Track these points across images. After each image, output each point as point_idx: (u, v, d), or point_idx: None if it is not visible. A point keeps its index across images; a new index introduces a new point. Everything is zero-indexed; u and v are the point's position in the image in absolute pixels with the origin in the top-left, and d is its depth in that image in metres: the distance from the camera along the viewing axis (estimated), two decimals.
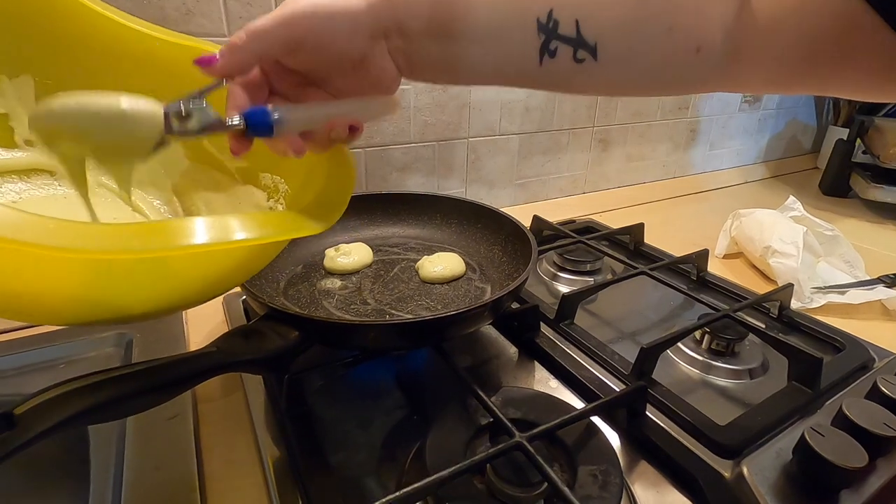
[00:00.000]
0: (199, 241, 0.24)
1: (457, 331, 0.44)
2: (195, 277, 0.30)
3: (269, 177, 0.44)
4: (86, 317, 0.29)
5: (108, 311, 0.29)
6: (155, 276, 0.27)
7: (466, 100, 0.78)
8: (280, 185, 0.43)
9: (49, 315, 0.29)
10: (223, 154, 0.46)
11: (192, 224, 0.24)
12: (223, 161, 0.46)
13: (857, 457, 0.34)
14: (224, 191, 0.46)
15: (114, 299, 0.28)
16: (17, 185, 0.41)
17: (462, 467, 0.31)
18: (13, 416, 0.22)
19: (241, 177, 0.46)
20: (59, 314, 0.29)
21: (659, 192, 1.07)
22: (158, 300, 0.30)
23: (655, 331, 0.56)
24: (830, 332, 0.54)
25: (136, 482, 0.35)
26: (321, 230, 0.30)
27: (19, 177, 0.42)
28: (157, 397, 0.29)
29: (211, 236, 0.24)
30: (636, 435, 0.40)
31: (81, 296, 0.26)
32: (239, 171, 0.46)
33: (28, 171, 0.42)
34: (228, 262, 0.32)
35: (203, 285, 0.32)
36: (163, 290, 0.29)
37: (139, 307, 0.30)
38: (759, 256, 0.70)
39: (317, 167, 0.36)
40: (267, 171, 0.44)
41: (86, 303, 0.27)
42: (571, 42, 0.28)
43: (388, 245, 0.62)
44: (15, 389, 0.45)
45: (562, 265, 0.68)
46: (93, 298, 0.27)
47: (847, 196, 1.11)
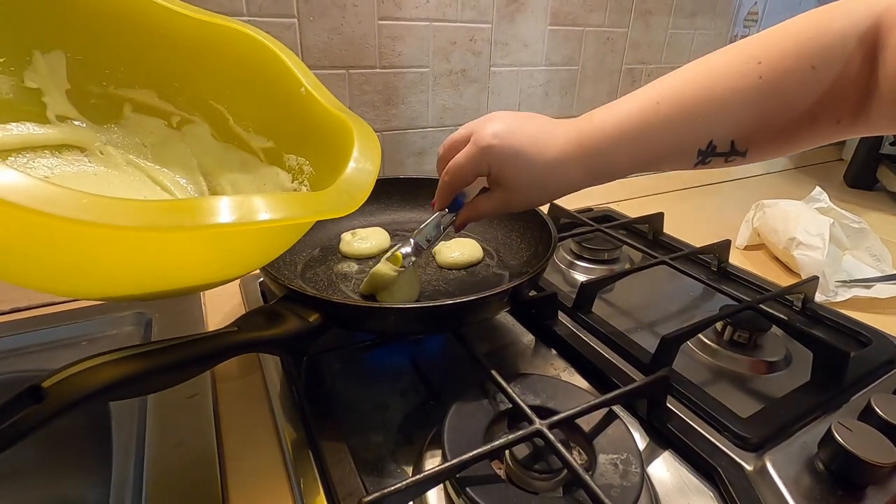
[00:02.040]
0: (224, 220, 0.24)
1: (475, 316, 0.44)
2: (217, 257, 0.30)
3: (293, 158, 0.44)
4: (110, 292, 0.29)
5: (133, 287, 0.29)
6: (180, 254, 0.27)
7: (485, 84, 0.77)
8: (305, 166, 0.43)
9: (75, 288, 0.29)
10: (249, 135, 0.46)
11: (217, 203, 0.24)
12: (248, 141, 0.46)
13: (885, 453, 0.33)
14: (249, 172, 0.46)
15: (139, 275, 0.28)
16: (48, 160, 0.41)
17: (482, 452, 0.31)
18: (41, 390, 0.22)
19: (266, 158, 0.45)
20: (83, 288, 0.29)
21: (678, 182, 1.05)
22: (181, 278, 0.30)
23: (675, 321, 0.56)
24: (856, 326, 0.53)
25: (157, 459, 0.35)
26: (345, 213, 0.30)
27: (51, 152, 0.42)
28: (180, 374, 0.29)
29: (236, 216, 0.24)
30: (657, 425, 0.39)
31: (109, 271, 0.26)
32: (264, 152, 0.45)
33: (60, 147, 0.42)
34: (251, 243, 0.31)
35: (225, 265, 0.32)
36: (187, 267, 0.29)
37: (163, 284, 0.30)
38: (783, 248, 0.68)
39: (342, 150, 0.36)
40: (292, 153, 0.44)
41: (112, 277, 0.27)
42: (724, 154, 0.35)
43: (405, 230, 0.62)
44: (39, 365, 0.46)
45: (579, 253, 0.67)
46: (121, 274, 0.27)
47: (873, 189, 1.08)
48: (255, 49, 0.42)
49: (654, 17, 0.89)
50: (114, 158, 0.44)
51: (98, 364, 0.24)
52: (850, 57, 0.30)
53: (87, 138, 0.43)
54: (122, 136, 0.45)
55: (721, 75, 0.34)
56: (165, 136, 0.46)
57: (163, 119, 0.46)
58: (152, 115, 0.45)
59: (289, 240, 0.37)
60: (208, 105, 0.45)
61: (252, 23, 0.59)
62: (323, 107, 0.40)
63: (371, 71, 0.68)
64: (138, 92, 0.44)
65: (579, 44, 0.84)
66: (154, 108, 0.45)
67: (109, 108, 0.44)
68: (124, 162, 0.45)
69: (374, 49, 0.67)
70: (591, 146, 0.39)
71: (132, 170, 0.45)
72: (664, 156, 0.37)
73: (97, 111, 0.43)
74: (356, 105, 0.68)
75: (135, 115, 0.45)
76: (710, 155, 0.35)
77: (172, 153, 0.47)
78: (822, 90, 0.31)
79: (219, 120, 0.46)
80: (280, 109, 0.43)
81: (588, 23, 0.82)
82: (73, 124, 0.43)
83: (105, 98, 0.43)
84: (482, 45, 0.75)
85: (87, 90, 0.42)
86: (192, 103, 0.46)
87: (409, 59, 0.70)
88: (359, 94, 0.68)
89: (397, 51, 0.68)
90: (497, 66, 0.77)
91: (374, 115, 0.70)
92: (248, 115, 0.45)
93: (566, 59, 0.83)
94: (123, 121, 0.45)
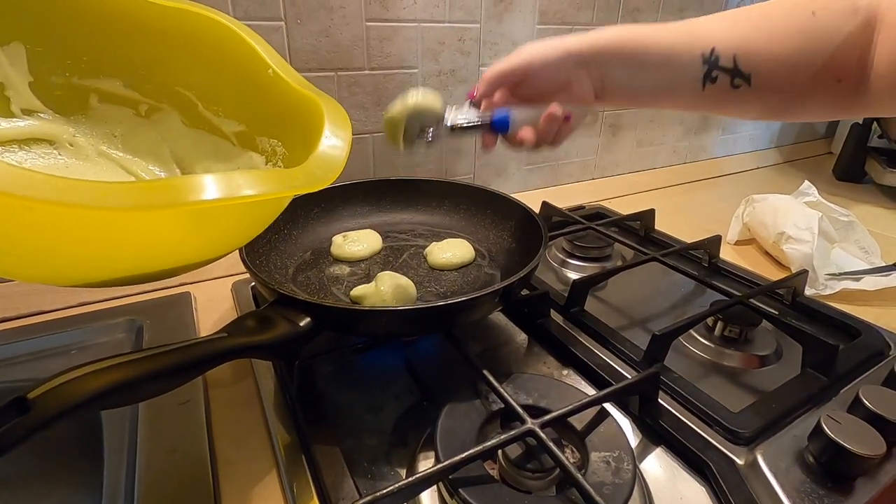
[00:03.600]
0: (202, 197, 0.24)
1: (467, 317, 0.44)
2: (195, 237, 0.31)
3: (266, 140, 0.43)
4: (91, 276, 0.30)
5: (113, 270, 0.29)
6: (158, 234, 0.28)
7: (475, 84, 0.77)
8: (277, 147, 0.43)
9: (59, 275, 0.30)
10: (220, 119, 0.45)
11: (194, 181, 0.24)
12: (220, 126, 0.46)
13: (874, 444, 0.34)
14: (222, 156, 0.46)
15: (119, 258, 0.28)
16: (17, 154, 0.41)
17: (474, 453, 0.31)
18: (27, 401, 0.22)
19: (238, 141, 0.45)
20: (66, 274, 0.30)
21: (670, 178, 1.05)
22: (159, 259, 0.31)
23: (667, 318, 0.56)
24: (845, 318, 0.54)
25: (149, 465, 0.35)
26: (319, 187, 0.31)
27: (19, 146, 0.41)
28: (169, 382, 0.29)
29: (215, 193, 0.24)
30: (648, 422, 0.40)
31: (88, 254, 0.27)
32: (236, 136, 0.45)
33: (28, 141, 0.42)
34: (228, 221, 0.31)
35: (202, 245, 0.32)
36: (165, 248, 0.29)
37: (143, 266, 0.30)
38: (773, 243, 0.69)
39: (313, 128, 0.36)
40: (264, 135, 0.44)
41: (94, 259, 0.28)
42: (729, 72, 0.36)
43: (397, 231, 0.62)
44: (28, 374, 0.46)
45: (571, 251, 0.68)
46: (101, 255, 0.27)
47: (861, 182, 1.09)
48: (220, 33, 0.41)
49: (642, 15, 0.89)
50: (84, 150, 0.44)
51: (85, 374, 0.24)
52: (846, 17, 0.32)
53: (55, 130, 0.43)
54: (91, 127, 0.44)
55: (727, 11, 0.37)
56: (135, 124, 0.46)
57: (131, 108, 0.45)
58: (120, 105, 0.45)
59: (265, 219, 0.37)
60: (176, 92, 0.45)
61: None
62: (291, 87, 0.40)
63: (360, 73, 0.68)
64: (103, 81, 0.43)
65: None
66: (121, 97, 0.44)
67: (75, 98, 0.43)
68: (95, 153, 0.44)
69: (363, 51, 0.66)
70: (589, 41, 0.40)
71: (104, 161, 0.44)
72: (665, 57, 0.38)
73: (63, 102, 0.43)
74: (346, 107, 0.67)
75: (101, 105, 0.44)
76: (714, 66, 0.36)
77: (143, 142, 0.46)
78: (821, 38, 0.33)
79: (188, 106, 0.45)
80: (249, 92, 0.43)
81: (577, 21, 0.83)
82: (40, 117, 0.42)
83: (70, 89, 0.43)
84: (471, 44, 0.74)
85: (51, 82, 0.42)
86: (159, 91, 0.45)
87: (397, 61, 0.69)
88: (348, 97, 0.68)
89: (386, 52, 0.68)
90: (486, 65, 0.77)
91: (364, 116, 0.70)
92: (218, 99, 0.45)
93: None
94: (90, 111, 0.44)
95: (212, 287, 0.58)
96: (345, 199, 0.62)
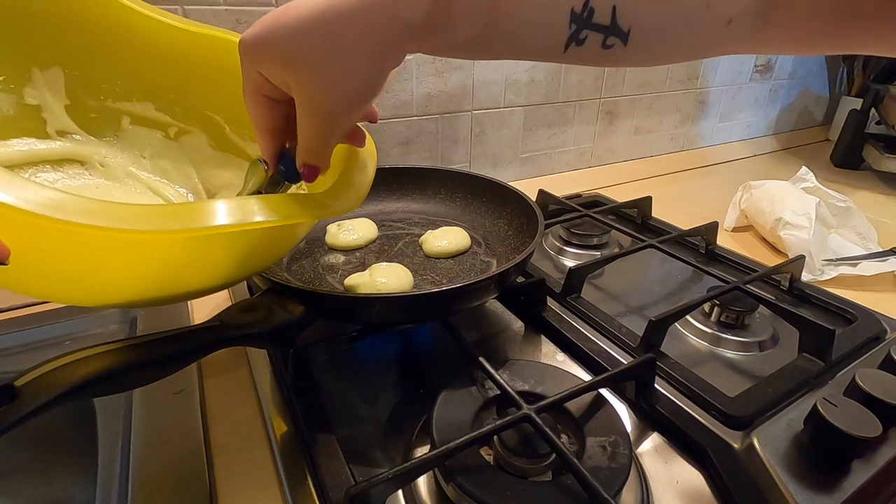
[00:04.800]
0: (222, 222, 0.25)
1: (462, 304, 0.44)
2: (220, 261, 0.31)
3: None
4: (114, 298, 0.30)
5: (140, 291, 0.29)
6: (186, 257, 0.28)
7: (470, 71, 0.76)
8: None
9: (78, 295, 0.30)
10: (246, 143, 0.47)
11: (216, 206, 0.25)
12: (245, 149, 0.47)
13: (870, 427, 0.33)
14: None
15: (145, 279, 0.28)
16: (50, 174, 0.42)
17: (469, 439, 0.31)
18: (14, 388, 0.22)
19: None
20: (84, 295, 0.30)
21: (667, 166, 1.05)
22: (185, 282, 0.31)
23: (663, 304, 0.56)
24: (842, 303, 0.54)
25: (143, 456, 0.35)
26: (347, 211, 0.31)
27: (52, 167, 0.42)
28: (160, 370, 0.28)
29: (233, 218, 0.25)
30: (645, 407, 0.40)
31: (113, 276, 0.27)
32: None
33: (60, 161, 0.43)
34: (248, 245, 0.32)
35: (227, 268, 0.32)
36: (191, 271, 0.30)
37: (171, 288, 0.30)
38: (770, 229, 0.68)
39: (338, 151, 0.36)
40: None
41: (116, 283, 0.28)
42: (603, 30, 0.27)
43: (392, 220, 0.61)
44: (20, 366, 0.45)
45: (568, 239, 0.67)
46: (125, 279, 0.28)
47: (859, 168, 1.09)
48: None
49: None
50: (114, 171, 0.45)
51: (73, 361, 0.24)
52: None
53: (87, 152, 0.44)
54: (121, 149, 0.46)
55: None
56: (164, 146, 0.47)
57: (160, 130, 0.46)
58: (150, 127, 0.46)
59: (290, 242, 0.38)
60: (205, 115, 0.46)
61: (229, 11, 0.58)
62: None
63: None
64: (136, 105, 0.45)
65: None
66: (152, 119, 0.46)
67: (108, 121, 0.45)
68: (124, 174, 0.45)
69: None
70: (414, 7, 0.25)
71: (132, 181, 0.45)
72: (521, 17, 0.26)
73: (96, 125, 0.44)
74: None
75: (133, 127, 0.45)
76: (585, 25, 0.26)
77: (171, 164, 0.47)
78: None
79: (216, 129, 0.47)
80: None
81: None
82: (73, 138, 0.43)
83: (103, 112, 0.44)
84: None
85: (86, 104, 0.43)
86: (188, 114, 0.46)
87: None
88: None
89: None
90: None
91: None
92: (245, 123, 0.45)
93: None
94: (122, 133, 0.45)
95: None
96: None
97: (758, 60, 1.12)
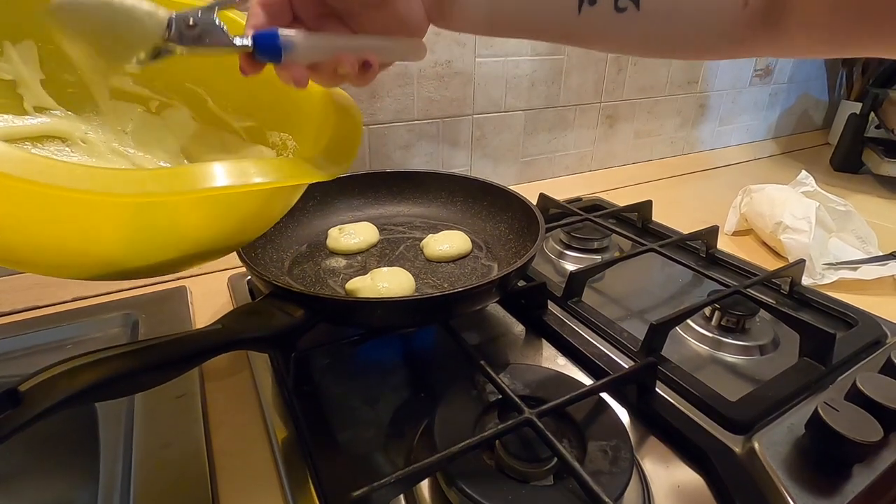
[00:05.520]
0: (214, 184, 0.24)
1: (464, 308, 0.44)
2: (209, 225, 0.31)
3: (276, 135, 0.43)
4: (103, 268, 0.30)
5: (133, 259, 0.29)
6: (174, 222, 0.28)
7: (471, 76, 0.77)
8: (288, 141, 0.43)
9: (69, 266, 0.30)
10: (230, 115, 0.46)
11: (211, 168, 0.25)
12: (230, 122, 0.46)
13: (871, 431, 0.34)
14: (233, 152, 0.46)
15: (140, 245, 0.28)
16: (29, 151, 0.41)
17: (471, 443, 0.31)
18: (18, 393, 0.22)
19: (248, 136, 0.45)
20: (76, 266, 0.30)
21: (667, 170, 1.05)
22: (174, 248, 0.31)
23: (664, 308, 0.56)
24: (842, 307, 0.54)
25: (145, 459, 0.35)
26: (333, 176, 0.31)
27: (32, 143, 0.41)
28: (162, 374, 0.29)
29: (232, 180, 0.25)
30: (646, 411, 0.40)
31: (102, 244, 0.27)
32: (246, 131, 0.45)
33: (41, 138, 0.42)
34: (247, 207, 0.32)
35: (218, 234, 0.32)
36: (179, 237, 0.29)
37: (161, 254, 0.30)
38: (770, 233, 0.68)
39: (323, 121, 0.36)
40: (274, 129, 0.44)
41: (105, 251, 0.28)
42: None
43: (393, 224, 0.62)
44: (23, 370, 0.45)
45: (569, 243, 0.67)
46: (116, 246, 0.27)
47: (859, 172, 1.09)
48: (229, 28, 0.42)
49: None
50: (96, 147, 0.44)
51: (77, 366, 0.24)
52: None
53: (68, 128, 0.43)
54: (102, 124, 0.44)
55: None
56: (145, 121, 0.46)
57: (141, 105, 0.45)
58: (131, 101, 0.45)
59: (279, 209, 0.37)
60: (186, 88, 0.45)
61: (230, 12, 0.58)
62: None
63: None
64: (114, 78, 0.44)
65: None
66: (132, 93, 0.45)
67: (86, 96, 0.43)
68: (107, 150, 0.44)
69: None
70: None
71: (115, 157, 0.44)
72: None
73: (74, 100, 0.43)
74: None
75: (113, 101, 0.44)
76: None
77: (154, 138, 0.46)
78: None
79: (198, 102, 0.46)
80: (259, 88, 0.42)
81: None
82: (53, 114, 0.42)
83: (81, 86, 0.43)
84: (467, 35, 0.74)
85: (62, 79, 0.42)
86: (170, 87, 0.45)
87: None
88: (343, 88, 0.67)
89: None
90: (482, 56, 0.76)
91: (360, 108, 0.70)
92: (228, 95, 0.45)
93: (552, 48, 0.83)
94: (102, 108, 0.44)
95: (207, 281, 0.58)
96: (340, 191, 0.62)
97: (757, 64, 1.13)
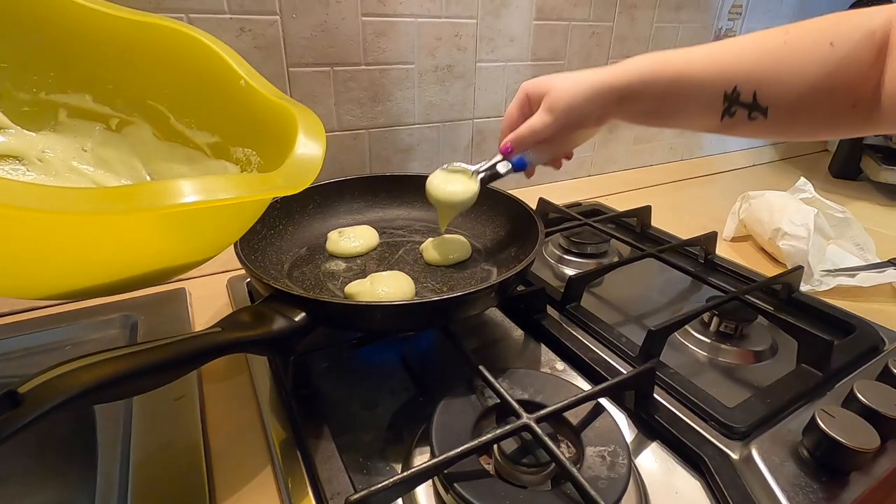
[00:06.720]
0: (181, 200, 0.25)
1: (463, 313, 0.44)
2: (171, 242, 0.31)
3: (240, 150, 0.43)
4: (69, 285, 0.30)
5: (94, 277, 0.29)
6: (133, 240, 0.28)
7: (471, 80, 0.77)
8: (252, 157, 0.43)
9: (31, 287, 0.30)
10: (193, 131, 0.45)
11: (170, 185, 0.25)
12: (192, 138, 0.46)
13: (868, 439, 0.34)
14: (197, 169, 0.46)
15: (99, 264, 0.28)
16: None
17: (469, 448, 0.31)
18: (18, 395, 0.22)
19: (212, 152, 0.45)
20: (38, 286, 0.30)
21: (666, 175, 1.06)
22: (135, 265, 0.31)
23: (663, 314, 0.56)
24: (840, 314, 0.54)
25: (143, 461, 0.35)
26: (295, 191, 0.32)
27: None
28: (162, 377, 0.29)
29: (194, 196, 0.25)
30: (644, 417, 0.40)
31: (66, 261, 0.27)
32: (210, 147, 0.45)
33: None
34: (207, 223, 0.32)
35: (181, 249, 0.32)
36: (140, 254, 0.29)
37: (120, 272, 0.30)
38: (769, 239, 0.69)
39: (287, 137, 0.36)
40: (238, 145, 0.43)
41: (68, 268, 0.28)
42: (747, 106, 0.37)
43: (393, 227, 0.62)
44: (22, 371, 0.45)
45: (568, 248, 0.68)
46: (76, 265, 0.27)
47: (857, 179, 1.10)
48: (189, 45, 0.41)
49: (639, 11, 0.89)
50: (54, 165, 0.43)
51: (76, 368, 0.24)
52: (864, 44, 0.33)
53: (24, 146, 0.42)
54: (60, 142, 0.44)
55: (748, 38, 0.38)
56: (105, 138, 0.45)
57: (101, 122, 0.45)
58: (90, 119, 0.44)
59: (241, 225, 0.38)
60: (147, 105, 0.45)
61: (233, 20, 0.58)
62: (264, 96, 0.40)
63: (356, 68, 0.67)
64: (72, 97, 0.43)
65: (565, 38, 0.83)
66: (91, 111, 0.44)
67: (43, 114, 0.43)
68: (65, 168, 0.44)
69: (359, 46, 0.66)
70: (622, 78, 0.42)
71: (75, 176, 0.44)
72: (691, 94, 0.40)
73: (30, 118, 0.43)
74: (342, 102, 0.68)
75: (71, 120, 0.44)
76: (734, 103, 0.38)
77: (115, 156, 0.46)
78: (837, 62, 0.34)
79: (160, 119, 0.45)
80: (221, 104, 0.42)
81: (574, 17, 0.82)
82: (8, 132, 0.42)
83: (37, 105, 0.42)
84: (467, 40, 0.74)
85: (17, 98, 0.41)
86: (130, 104, 0.45)
87: (394, 56, 0.69)
88: (344, 92, 0.68)
89: (382, 47, 0.68)
90: (483, 61, 0.77)
91: (361, 112, 0.70)
92: (190, 111, 0.45)
93: (552, 53, 0.83)
94: (60, 126, 0.44)
95: (207, 283, 0.58)
96: (340, 194, 0.62)
97: None
